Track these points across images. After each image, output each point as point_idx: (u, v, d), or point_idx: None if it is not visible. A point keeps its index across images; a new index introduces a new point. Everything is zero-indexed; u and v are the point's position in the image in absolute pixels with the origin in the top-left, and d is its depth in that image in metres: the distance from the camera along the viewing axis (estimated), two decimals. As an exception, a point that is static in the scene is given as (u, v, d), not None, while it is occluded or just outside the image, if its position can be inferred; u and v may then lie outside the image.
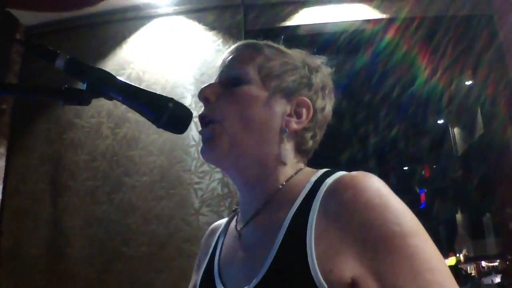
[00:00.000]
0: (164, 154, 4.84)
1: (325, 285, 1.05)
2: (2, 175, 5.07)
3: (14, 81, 5.20)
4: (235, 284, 1.26)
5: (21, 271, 4.87)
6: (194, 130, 4.72)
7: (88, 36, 5.42)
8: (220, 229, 1.55)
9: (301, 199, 1.21)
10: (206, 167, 4.76)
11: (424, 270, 1.02)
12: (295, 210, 1.20)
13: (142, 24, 5.29)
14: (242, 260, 1.30)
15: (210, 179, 4.73)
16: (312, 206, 1.16)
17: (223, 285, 1.31)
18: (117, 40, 5.32)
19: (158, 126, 1.06)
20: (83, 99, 1.08)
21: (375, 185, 1.11)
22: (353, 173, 1.18)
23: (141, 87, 1.10)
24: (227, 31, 5.06)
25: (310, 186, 1.23)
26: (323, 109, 1.36)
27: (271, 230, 1.22)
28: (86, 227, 4.84)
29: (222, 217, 4.53)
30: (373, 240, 1.05)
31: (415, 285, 1.00)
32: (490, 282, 12.03)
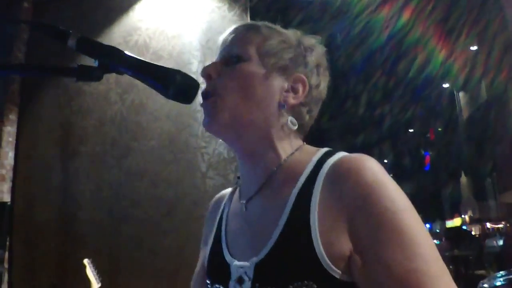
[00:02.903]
0: (171, 119, 4.91)
1: (326, 258, 1.13)
2: (14, 142, 5.16)
3: (21, 54, 5.27)
4: (243, 255, 1.32)
5: (34, 235, 4.98)
6: (200, 96, 4.79)
7: (95, 5, 5.46)
8: (224, 201, 1.59)
9: (305, 178, 1.28)
10: (213, 131, 4.83)
11: (412, 244, 1.10)
12: (299, 188, 1.26)
13: (149, -9, 5.32)
14: (248, 233, 1.36)
15: (217, 143, 4.79)
16: (315, 185, 1.23)
17: (231, 255, 1.37)
18: (124, 7, 5.35)
19: (167, 97, 1.10)
20: (95, 75, 1.13)
21: (372, 167, 1.18)
22: (353, 155, 1.25)
23: (149, 61, 1.12)
24: (233, -3, 5.09)
25: (312, 166, 1.29)
26: (318, 85, 1.43)
27: (277, 205, 1.28)
28: (95, 191, 4.95)
29: (229, 180, 4.64)
30: (367, 216, 1.13)
31: (402, 257, 1.08)
32: (493, 244, 12.07)
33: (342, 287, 1.13)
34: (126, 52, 1.13)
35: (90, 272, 4.06)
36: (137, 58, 1.12)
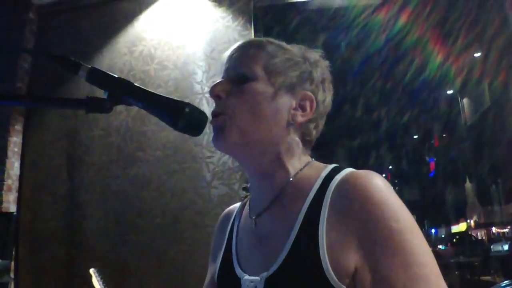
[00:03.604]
0: (176, 129, 4.92)
1: (333, 274, 1.16)
2: (20, 152, 5.19)
3: (27, 61, 5.30)
4: (253, 270, 1.34)
5: (40, 244, 5.00)
6: (205, 105, 4.81)
7: (100, 14, 5.49)
8: (233, 216, 1.61)
9: (313, 194, 1.30)
10: (217, 141, 4.85)
11: (415, 264, 1.13)
12: (308, 204, 1.29)
13: (153, 2, 5.35)
14: (258, 248, 1.38)
15: (222, 153, 4.81)
16: (324, 202, 1.26)
17: (242, 270, 1.39)
18: (129, 17, 5.39)
19: (176, 129, 1.12)
20: (105, 107, 1.15)
21: (378, 185, 1.21)
22: (360, 172, 1.27)
23: (158, 93, 1.14)
24: (237, 8, 5.10)
25: (320, 182, 1.32)
26: (324, 101, 1.45)
27: (286, 221, 1.31)
28: (101, 200, 4.97)
29: (234, 190, 4.67)
30: (372, 234, 1.16)
31: (405, 277, 1.11)
32: (499, 248, 12.04)
33: None
34: (136, 84, 1.15)
35: (96, 282, 4.07)
36: (146, 90, 1.14)
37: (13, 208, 5.01)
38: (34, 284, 4.94)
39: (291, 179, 1.36)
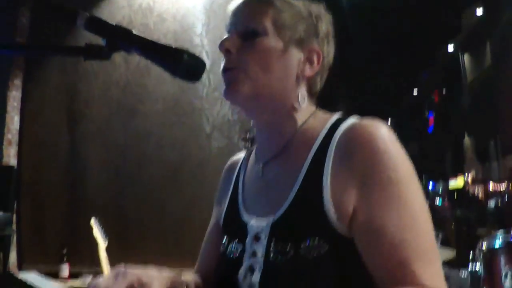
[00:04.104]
0: (176, 81, 4.88)
1: (335, 217, 1.22)
2: (19, 106, 5.18)
3: (26, 15, 5.26)
4: (259, 213, 1.40)
5: (41, 197, 5.04)
6: (205, 58, 4.80)
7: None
8: (239, 164, 1.65)
9: (319, 143, 1.35)
10: (217, 93, 4.88)
11: (408, 216, 1.18)
12: (314, 152, 1.34)
13: (152, -47, 5.29)
14: (265, 194, 1.43)
15: (221, 105, 4.83)
16: (328, 150, 1.31)
17: (249, 215, 1.45)
18: (128, -31, 5.33)
19: (175, 75, 1.13)
20: (104, 54, 1.16)
21: (382, 135, 1.25)
22: (364, 121, 1.31)
23: (156, 41, 1.14)
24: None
25: (326, 131, 1.36)
26: (328, 54, 1.48)
27: (292, 169, 1.36)
28: (102, 153, 5.01)
29: (233, 142, 4.70)
30: (372, 181, 1.21)
31: (397, 226, 1.17)
32: (495, 204, 12.11)
33: (349, 244, 1.22)
34: (134, 32, 1.15)
35: (97, 232, 4.12)
36: (145, 38, 1.15)
37: (13, 162, 5.02)
38: (36, 235, 4.98)
39: (297, 129, 1.41)
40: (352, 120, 1.34)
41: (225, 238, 1.50)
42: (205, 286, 1.60)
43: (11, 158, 5.00)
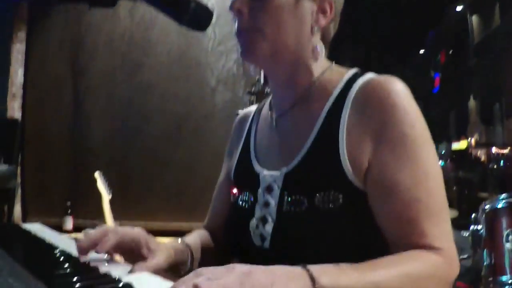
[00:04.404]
0: (182, 34, 4.91)
1: (350, 169, 1.22)
2: (23, 59, 5.16)
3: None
4: (272, 165, 1.39)
5: (45, 150, 5.06)
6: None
7: None
8: (251, 117, 1.65)
9: (335, 96, 1.34)
10: (222, 47, 4.87)
11: (422, 172, 1.18)
12: (330, 105, 1.33)
13: None
14: (278, 145, 1.42)
15: (226, 59, 4.82)
16: (345, 103, 1.30)
17: (261, 166, 1.44)
18: None
19: (181, 24, 1.11)
20: (109, 1, 1.13)
21: (398, 89, 1.25)
22: (382, 77, 1.30)
23: None
24: None
25: (343, 84, 1.35)
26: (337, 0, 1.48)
27: (308, 121, 1.35)
28: (106, 106, 5.01)
29: (238, 96, 4.69)
30: (387, 135, 1.20)
31: (410, 184, 1.17)
32: (498, 167, 12.09)
33: (363, 198, 1.22)
34: None
35: (101, 184, 4.14)
36: None
37: (18, 115, 5.03)
38: (40, 188, 5.01)
39: (313, 82, 1.39)
40: (370, 75, 1.33)
41: (236, 189, 1.50)
42: (215, 240, 1.61)
43: (15, 111, 5.01)
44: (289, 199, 1.28)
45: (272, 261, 0.96)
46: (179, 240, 1.45)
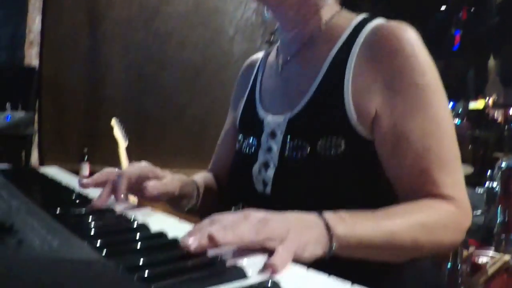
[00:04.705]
0: (200, -19, 4.89)
1: (355, 116, 1.20)
2: (41, 6, 5.14)
3: None
4: (277, 111, 1.38)
5: (63, 96, 5.06)
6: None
7: None
8: (258, 64, 1.62)
9: (343, 41, 1.31)
10: (241, -4, 4.84)
11: (433, 121, 1.16)
12: (337, 49, 1.30)
13: None
14: (283, 91, 1.40)
15: (245, 8, 4.79)
16: (352, 49, 1.27)
17: (266, 112, 1.43)
18: None
19: None
20: None
21: (409, 36, 1.21)
22: (392, 23, 1.26)
23: None
24: None
25: (351, 29, 1.32)
26: None
27: (314, 65, 1.33)
28: (124, 53, 5.00)
29: (256, 45, 4.66)
30: (397, 84, 1.18)
31: (421, 133, 1.15)
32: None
33: (366, 146, 1.21)
34: None
35: (117, 132, 4.15)
36: None
37: (35, 63, 5.02)
38: (57, 135, 5.04)
39: (321, 26, 1.36)
40: (379, 20, 1.30)
41: (240, 135, 1.49)
42: (217, 183, 1.62)
43: (32, 59, 5.00)
44: (291, 144, 1.27)
45: (273, 207, 0.96)
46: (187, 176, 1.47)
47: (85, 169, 4.72)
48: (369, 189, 1.20)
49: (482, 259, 2.85)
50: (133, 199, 1.28)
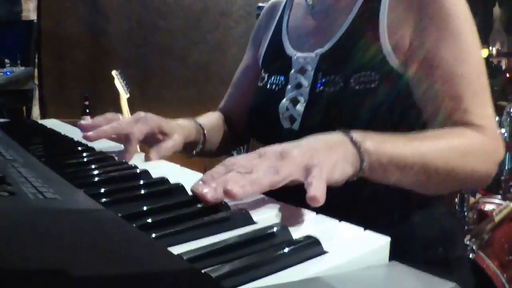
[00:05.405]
0: None
1: (390, 50, 1.18)
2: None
3: None
4: (306, 48, 1.35)
5: (62, 50, 5.00)
6: None
7: None
8: (283, 4, 1.59)
9: None
10: None
11: (464, 51, 1.14)
12: None
13: None
14: (314, 28, 1.38)
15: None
16: None
17: (293, 49, 1.40)
18: None
19: None
20: None
21: None
22: None
23: None
24: None
25: None
26: None
27: (347, 2, 1.30)
28: (123, 2, 4.94)
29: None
30: (429, 13, 1.16)
31: (453, 60, 1.13)
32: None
33: (401, 79, 1.18)
34: None
35: (118, 83, 4.12)
36: None
37: (33, 16, 4.95)
38: (58, 88, 5.00)
39: None
40: None
41: (264, 74, 1.46)
42: (228, 123, 1.61)
43: (30, 12, 4.93)
44: (324, 79, 1.25)
45: None
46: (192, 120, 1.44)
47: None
48: (400, 123, 1.17)
49: (489, 207, 2.83)
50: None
